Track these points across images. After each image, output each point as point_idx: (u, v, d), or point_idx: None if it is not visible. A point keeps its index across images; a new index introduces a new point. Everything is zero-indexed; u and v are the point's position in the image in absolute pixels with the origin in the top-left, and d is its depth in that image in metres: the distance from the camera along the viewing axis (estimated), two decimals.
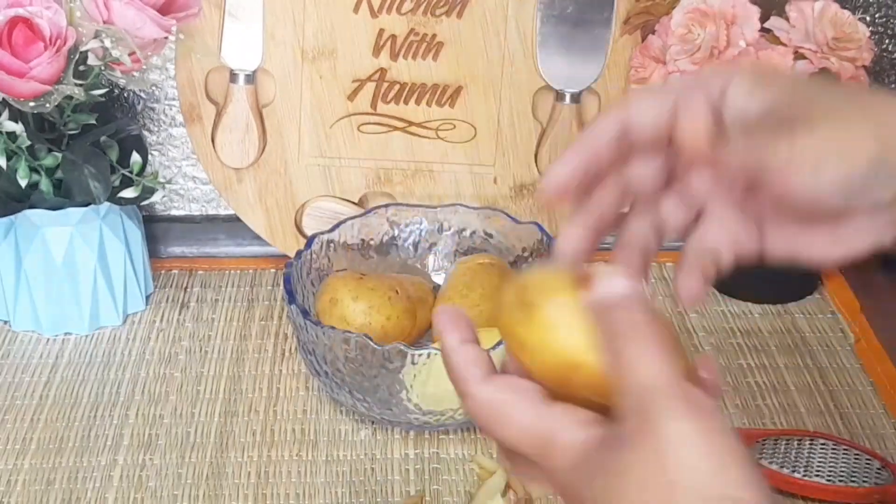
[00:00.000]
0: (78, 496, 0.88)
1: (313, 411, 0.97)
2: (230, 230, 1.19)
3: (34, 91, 0.94)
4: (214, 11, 1.08)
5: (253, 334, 1.07)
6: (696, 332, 1.07)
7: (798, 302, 1.11)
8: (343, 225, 1.03)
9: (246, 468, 0.91)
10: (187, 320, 1.09)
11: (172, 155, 1.18)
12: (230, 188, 1.13)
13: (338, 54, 1.10)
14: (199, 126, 1.11)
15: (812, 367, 1.03)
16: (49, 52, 0.94)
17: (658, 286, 1.14)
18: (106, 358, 1.04)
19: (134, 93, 1.15)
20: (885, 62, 1.18)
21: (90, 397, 0.99)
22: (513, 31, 1.09)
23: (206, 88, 1.10)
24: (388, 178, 1.12)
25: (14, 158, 0.99)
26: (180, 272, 1.16)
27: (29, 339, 1.06)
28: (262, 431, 0.95)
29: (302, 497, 0.88)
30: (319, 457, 0.92)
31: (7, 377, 1.01)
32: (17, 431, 0.95)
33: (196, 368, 1.02)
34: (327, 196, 1.13)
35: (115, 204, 1.04)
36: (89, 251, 1.04)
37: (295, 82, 1.10)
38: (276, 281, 1.15)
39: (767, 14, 1.03)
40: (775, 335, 1.07)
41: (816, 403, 0.98)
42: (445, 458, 0.92)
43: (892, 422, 0.96)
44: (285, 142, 1.12)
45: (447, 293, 0.99)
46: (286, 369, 1.02)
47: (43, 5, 0.94)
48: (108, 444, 0.93)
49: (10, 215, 1.02)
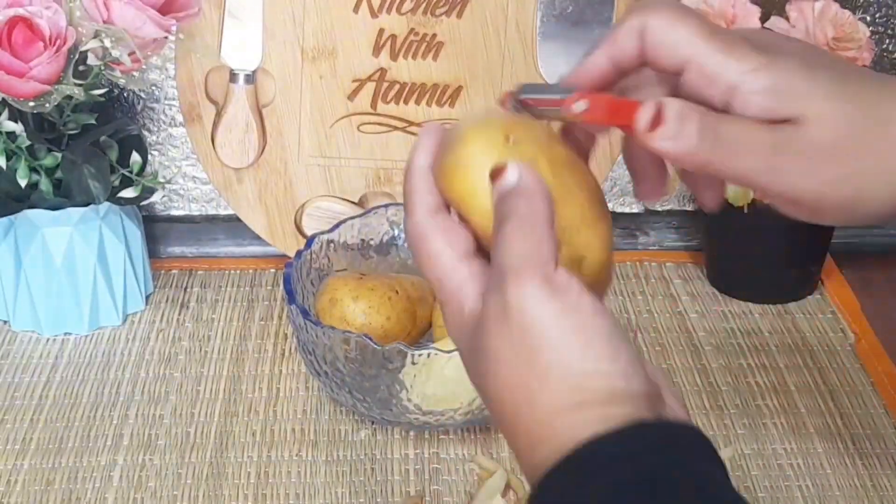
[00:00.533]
0: (77, 496, 0.88)
1: (313, 411, 0.97)
2: (230, 230, 1.19)
3: (34, 91, 0.94)
4: (214, 11, 1.08)
5: (253, 334, 1.07)
6: (696, 331, 1.07)
7: (798, 302, 1.11)
8: (343, 225, 1.03)
9: (246, 468, 0.91)
10: (187, 320, 1.09)
11: (172, 155, 1.17)
12: (230, 188, 1.12)
13: (338, 54, 1.10)
14: (198, 126, 1.11)
15: (812, 366, 1.03)
16: (49, 51, 0.94)
17: (658, 286, 1.14)
18: (105, 358, 1.04)
19: (134, 93, 1.15)
20: (886, 62, 1.18)
21: (90, 397, 0.99)
22: (513, 31, 1.09)
23: (205, 88, 1.10)
24: (388, 178, 1.12)
25: (14, 158, 0.99)
26: (180, 272, 1.16)
27: (28, 339, 1.06)
28: (261, 432, 0.95)
29: (302, 497, 0.88)
30: (319, 457, 0.92)
31: (6, 377, 1.01)
32: (17, 432, 0.95)
33: (196, 368, 1.02)
34: (327, 196, 1.13)
35: (114, 204, 1.04)
36: (89, 251, 1.04)
37: (295, 82, 1.10)
38: (276, 281, 1.15)
39: (767, 14, 1.03)
40: (775, 335, 1.07)
41: (817, 403, 0.98)
42: (445, 458, 0.92)
43: (892, 421, 0.96)
44: (285, 142, 1.11)
45: None
46: (286, 369, 1.02)
47: (43, 5, 0.94)
48: (107, 445, 0.93)
49: (10, 215, 1.02)
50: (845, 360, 1.04)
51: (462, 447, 0.93)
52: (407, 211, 0.55)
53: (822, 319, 1.09)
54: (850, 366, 1.03)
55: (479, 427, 0.94)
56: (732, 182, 0.55)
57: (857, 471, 0.91)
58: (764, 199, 0.56)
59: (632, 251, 1.21)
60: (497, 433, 0.94)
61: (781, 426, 0.95)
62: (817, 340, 1.06)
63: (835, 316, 1.10)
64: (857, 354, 1.04)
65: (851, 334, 1.07)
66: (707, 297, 1.12)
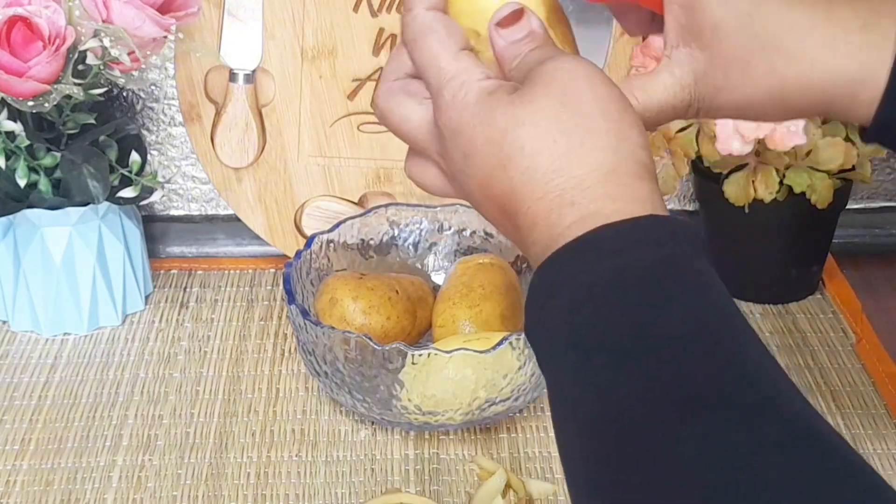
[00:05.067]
0: (77, 497, 0.88)
1: (313, 411, 0.97)
2: (229, 230, 1.19)
3: (33, 90, 0.94)
4: (214, 11, 1.08)
5: (252, 334, 1.07)
6: None
7: (799, 302, 1.11)
8: (343, 225, 1.02)
9: (245, 469, 0.91)
10: (186, 320, 1.09)
11: (171, 154, 1.17)
12: (229, 188, 1.12)
13: (337, 53, 1.10)
14: (198, 125, 1.11)
15: (813, 367, 1.02)
16: (48, 51, 0.94)
17: None
18: (105, 358, 1.04)
19: (133, 92, 1.15)
20: None
21: (89, 398, 0.99)
22: None
23: (205, 88, 1.10)
24: (388, 177, 1.12)
25: (13, 158, 0.99)
26: (179, 272, 1.16)
27: (28, 339, 1.06)
28: (261, 432, 0.95)
29: (302, 497, 0.88)
30: (319, 457, 0.92)
31: (6, 377, 1.01)
32: (16, 432, 0.95)
33: (195, 369, 1.02)
34: (327, 196, 1.12)
35: (114, 204, 1.04)
36: (88, 251, 1.04)
37: (295, 82, 1.10)
38: (275, 281, 1.15)
39: None
40: (776, 335, 1.07)
41: (818, 403, 0.98)
42: (445, 458, 0.92)
43: (893, 421, 0.96)
44: (285, 141, 1.11)
45: (447, 293, 0.99)
46: (286, 369, 1.02)
47: (42, 4, 0.94)
48: (107, 445, 0.93)
49: (9, 215, 1.02)
50: (846, 361, 1.03)
51: (462, 447, 0.93)
52: (406, 7, 0.56)
53: (823, 319, 1.09)
54: (852, 366, 1.03)
55: (479, 427, 0.94)
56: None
57: None
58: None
59: None
60: (497, 433, 0.93)
61: None
62: (818, 341, 1.06)
63: (836, 316, 1.09)
64: (858, 355, 1.04)
65: (852, 334, 1.07)
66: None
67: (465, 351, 0.87)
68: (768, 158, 1.02)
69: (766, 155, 1.02)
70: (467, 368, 0.88)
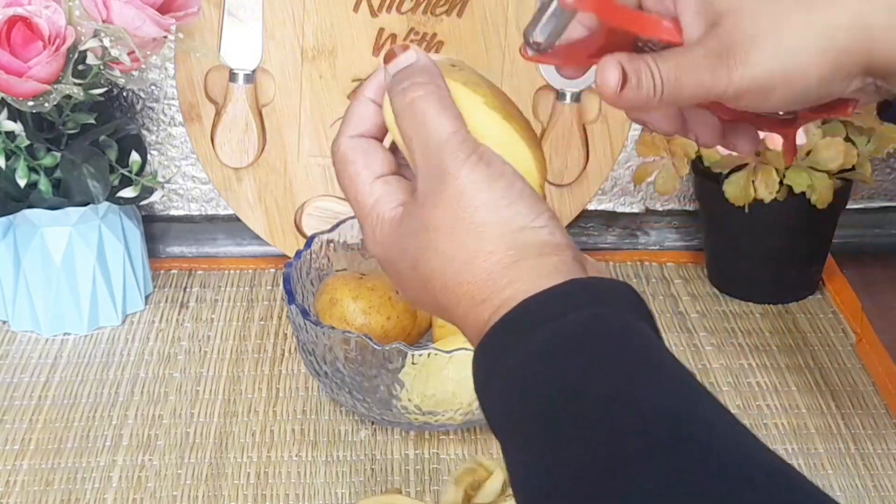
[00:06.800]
0: (77, 497, 0.88)
1: (313, 411, 0.97)
2: (229, 230, 1.19)
3: (33, 90, 0.94)
4: (214, 10, 1.08)
5: (252, 334, 1.07)
6: (696, 332, 1.07)
7: (799, 302, 1.11)
8: (343, 225, 1.02)
9: (245, 469, 0.91)
10: (186, 320, 1.09)
11: (172, 154, 1.17)
12: (229, 188, 1.12)
13: (337, 53, 1.10)
14: (198, 125, 1.11)
15: (813, 366, 1.02)
16: (48, 51, 0.93)
17: (658, 286, 1.14)
18: (105, 358, 1.04)
19: (133, 92, 1.15)
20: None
21: (89, 398, 0.99)
22: (513, 31, 1.09)
23: (205, 88, 1.10)
24: None
25: (13, 158, 0.99)
26: (179, 272, 1.16)
27: (28, 339, 1.06)
28: (261, 432, 0.95)
29: (302, 497, 0.88)
30: (319, 457, 0.92)
31: (6, 377, 1.01)
32: (16, 432, 0.95)
33: (195, 369, 1.02)
34: (327, 196, 1.12)
35: (114, 204, 1.04)
36: (88, 251, 1.04)
37: (294, 82, 1.10)
38: (275, 281, 1.15)
39: None
40: (776, 335, 1.07)
41: (818, 403, 0.98)
42: (445, 458, 0.92)
43: (893, 422, 0.96)
44: (285, 141, 1.11)
45: None
46: (286, 369, 1.02)
47: (42, 4, 0.94)
48: (107, 445, 0.93)
49: (9, 215, 1.02)
50: (846, 360, 1.03)
51: (462, 447, 0.93)
52: (337, 134, 0.58)
53: (823, 319, 1.09)
54: (852, 366, 1.03)
55: (479, 427, 0.94)
56: (695, 100, 0.56)
57: (858, 471, 0.91)
58: (737, 106, 0.57)
59: (632, 251, 1.20)
60: None
61: (782, 426, 0.95)
62: (818, 340, 1.06)
63: (836, 316, 1.09)
64: (858, 354, 1.04)
65: (852, 334, 1.07)
66: (707, 297, 1.12)
67: (465, 351, 0.87)
68: (768, 158, 1.02)
69: (766, 155, 1.02)
70: (467, 368, 0.87)
